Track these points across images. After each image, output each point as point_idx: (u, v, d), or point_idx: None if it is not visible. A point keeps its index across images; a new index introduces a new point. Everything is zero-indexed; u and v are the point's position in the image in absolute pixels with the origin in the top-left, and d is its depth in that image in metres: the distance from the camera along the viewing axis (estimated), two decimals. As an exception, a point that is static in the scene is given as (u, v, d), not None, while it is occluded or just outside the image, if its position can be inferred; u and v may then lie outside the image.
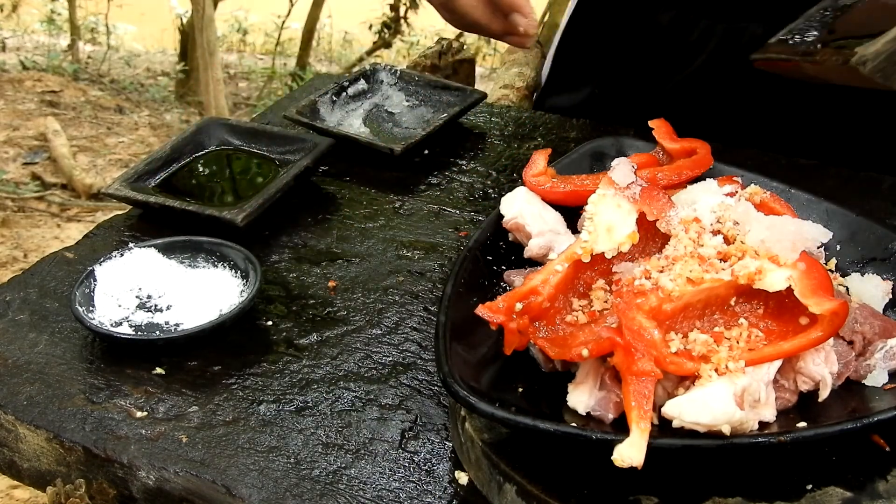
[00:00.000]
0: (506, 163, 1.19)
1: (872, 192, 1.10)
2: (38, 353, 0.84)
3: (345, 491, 0.69)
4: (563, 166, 0.98)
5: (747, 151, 1.16)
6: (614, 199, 0.78)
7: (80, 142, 4.69)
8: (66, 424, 0.76)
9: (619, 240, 0.76)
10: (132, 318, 0.86)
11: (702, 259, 0.73)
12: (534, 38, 1.12)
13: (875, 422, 0.65)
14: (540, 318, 0.73)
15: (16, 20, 7.53)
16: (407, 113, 1.29)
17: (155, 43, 7.82)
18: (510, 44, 1.13)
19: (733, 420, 0.63)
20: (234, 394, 0.80)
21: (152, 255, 0.92)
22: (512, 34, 1.10)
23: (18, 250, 3.61)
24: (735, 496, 0.64)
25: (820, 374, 0.69)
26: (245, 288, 0.89)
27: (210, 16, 5.54)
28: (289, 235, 1.03)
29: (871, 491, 0.65)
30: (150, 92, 5.99)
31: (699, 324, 0.71)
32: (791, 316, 0.70)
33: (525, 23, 1.08)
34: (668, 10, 1.31)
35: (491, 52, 6.94)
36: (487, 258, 0.86)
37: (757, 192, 0.86)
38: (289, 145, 1.14)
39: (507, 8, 1.08)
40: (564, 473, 0.66)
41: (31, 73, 5.67)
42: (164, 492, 0.73)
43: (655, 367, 0.65)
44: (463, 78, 1.62)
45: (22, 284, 0.94)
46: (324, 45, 8.17)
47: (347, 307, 0.91)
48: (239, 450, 0.73)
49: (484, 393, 0.66)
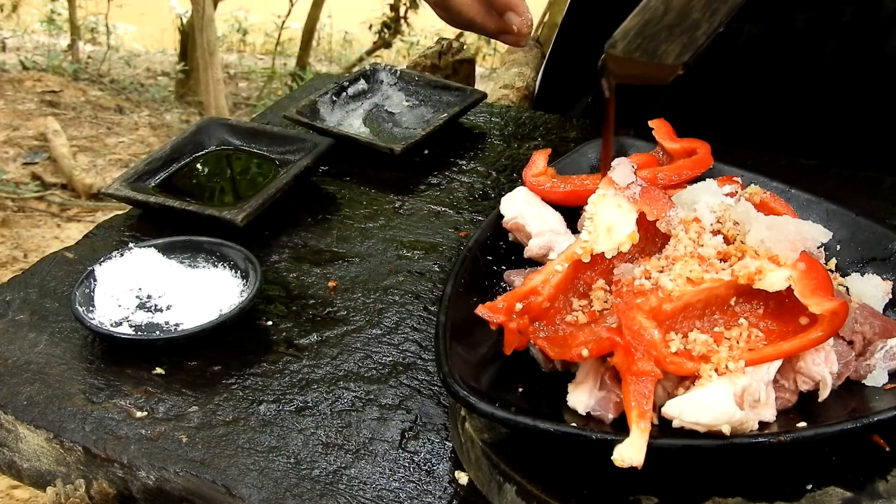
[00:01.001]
0: (506, 163, 1.19)
1: (872, 192, 1.10)
2: (38, 353, 0.84)
3: (345, 491, 0.69)
4: (563, 166, 0.98)
5: (747, 151, 1.16)
6: (614, 199, 0.78)
7: (80, 142, 4.69)
8: (66, 424, 0.76)
9: (619, 240, 0.75)
10: (132, 318, 0.86)
11: (702, 259, 0.73)
12: (528, 38, 1.12)
13: (875, 422, 0.65)
14: (540, 318, 0.73)
15: (16, 20, 7.53)
16: (407, 113, 1.29)
17: (155, 43, 7.82)
18: (505, 43, 1.13)
19: (733, 420, 0.63)
20: (234, 394, 0.80)
21: (152, 255, 0.92)
22: (507, 33, 1.10)
23: (18, 250, 3.61)
24: (735, 496, 0.64)
25: (820, 374, 0.69)
26: (245, 288, 0.89)
27: (210, 16, 5.54)
28: (289, 235, 1.03)
29: (871, 491, 0.65)
30: (150, 92, 5.99)
31: (699, 324, 0.71)
32: (791, 316, 0.70)
33: (519, 22, 1.08)
34: None
35: (491, 52, 6.94)
36: (487, 258, 0.86)
37: (757, 192, 0.86)
38: (289, 145, 1.14)
39: (502, 7, 1.08)
40: (564, 473, 0.66)
41: (31, 73, 5.67)
42: (164, 492, 0.73)
43: (655, 367, 0.65)
44: (463, 78, 1.62)
45: (22, 284, 0.94)
46: (324, 45, 8.17)
47: (347, 307, 0.91)
48: (239, 450, 0.73)
49: (484, 393, 0.66)
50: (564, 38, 1.47)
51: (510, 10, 1.08)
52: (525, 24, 1.08)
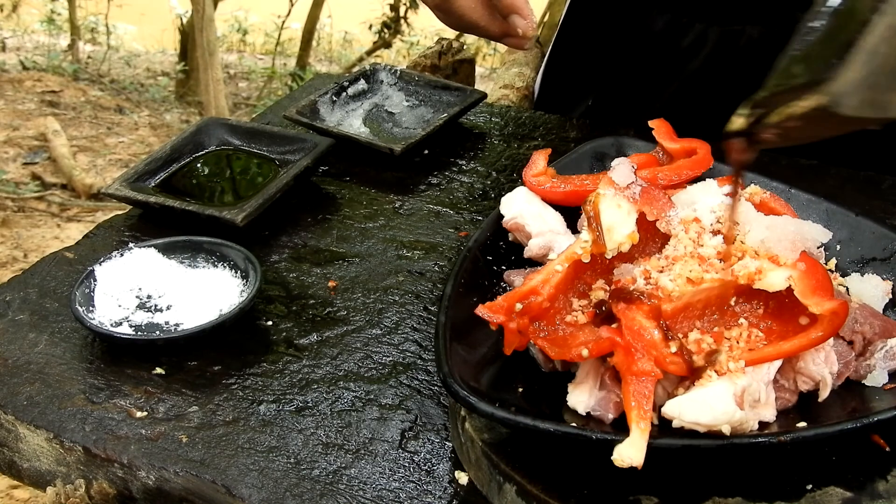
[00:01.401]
0: (506, 163, 1.19)
1: (872, 192, 1.10)
2: (38, 353, 0.84)
3: (345, 491, 0.69)
4: (563, 166, 0.98)
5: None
6: (614, 199, 0.78)
7: (80, 142, 4.69)
8: (66, 424, 0.76)
9: (619, 240, 0.76)
10: (132, 318, 0.86)
11: (702, 259, 0.73)
12: (532, 40, 1.11)
13: (875, 422, 0.65)
14: (540, 318, 0.73)
15: (16, 20, 7.53)
16: (407, 113, 1.29)
17: (155, 43, 7.82)
18: (508, 45, 1.12)
19: (733, 420, 0.63)
20: (234, 394, 0.80)
21: (152, 255, 0.92)
22: (510, 36, 1.09)
23: (18, 250, 3.61)
24: (735, 496, 0.64)
25: (820, 374, 0.69)
26: (245, 288, 0.89)
27: (210, 16, 5.54)
28: (289, 235, 1.03)
29: (871, 491, 0.65)
30: (150, 92, 5.99)
31: (699, 324, 0.71)
32: (791, 316, 0.70)
33: (524, 24, 1.07)
34: (662, 15, 1.30)
35: (491, 52, 6.94)
36: (487, 258, 0.86)
37: (757, 192, 0.86)
38: (289, 145, 1.14)
39: (507, 9, 1.07)
40: (564, 473, 0.66)
41: (31, 73, 5.67)
42: (164, 492, 0.73)
43: (655, 367, 0.65)
44: (463, 78, 1.62)
45: (22, 284, 0.94)
46: (324, 45, 8.17)
47: (347, 307, 0.91)
48: (239, 450, 0.73)
49: (484, 393, 0.66)
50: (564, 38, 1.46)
51: (514, 12, 1.07)
52: (530, 27, 1.08)
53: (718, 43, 1.27)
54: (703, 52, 1.28)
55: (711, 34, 1.27)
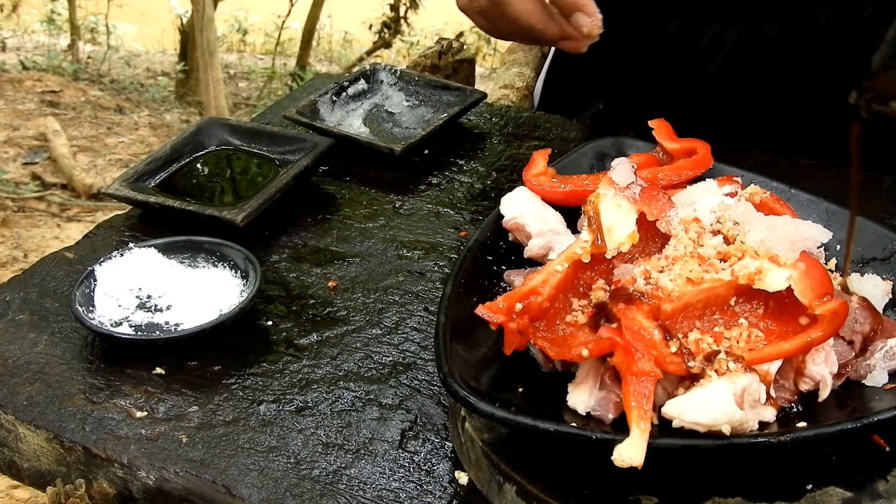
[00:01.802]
0: (506, 163, 1.19)
1: (872, 192, 1.10)
2: (38, 353, 0.84)
3: (345, 491, 0.69)
4: (563, 166, 0.97)
5: (747, 151, 1.16)
6: (614, 199, 0.78)
7: (80, 142, 4.69)
8: (66, 424, 0.76)
9: (619, 240, 0.76)
10: (132, 318, 0.86)
11: (702, 259, 0.73)
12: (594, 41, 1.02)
13: (875, 422, 0.65)
14: (540, 318, 0.73)
15: (16, 20, 7.53)
16: (407, 113, 1.29)
17: (155, 43, 7.82)
18: (563, 48, 1.04)
19: (733, 420, 0.63)
20: (234, 394, 0.80)
21: (152, 255, 0.92)
22: (568, 37, 1.01)
23: (18, 250, 3.61)
24: (735, 496, 0.64)
25: (820, 374, 0.69)
26: (245, 288, 0.89)
27: (210, 16, 5.54)
28: (289, 235, 1.03)
29: (871, 491, 0.65)
30: (150, 92, 6.00)
31: (699, 324, 0.71)
32: (791, 316, 0.70)
33: (589, 23, 0.99)
34: (676, 16, 1.26)
35: (491, 52, 6.94)
36: (487, 258, 0.86)
37: (757, 192, 0.86)
38: (289, 145, 1.14)
39: (569, 8, 0.99)
40: (564, 473, 0.66)
41: (31, 73, 5.68)
42: (164, 492, 0.73)
43: (655, 367, 0.65)
44: (463, 78, 1.61)
45: (22, 284, 0.94)
46: (324, 45, 8.18)
47: (347, 307, 0.91)
48: (239, 450, 0.73)
49: (484, 393, 0.66)
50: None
51: (578, 10, 0.98)
52: (595, 26, 1.00)
53: (737, 42, 1.24)
54: (722, 52, 1.25)
55: (730, 34, 1.24)
